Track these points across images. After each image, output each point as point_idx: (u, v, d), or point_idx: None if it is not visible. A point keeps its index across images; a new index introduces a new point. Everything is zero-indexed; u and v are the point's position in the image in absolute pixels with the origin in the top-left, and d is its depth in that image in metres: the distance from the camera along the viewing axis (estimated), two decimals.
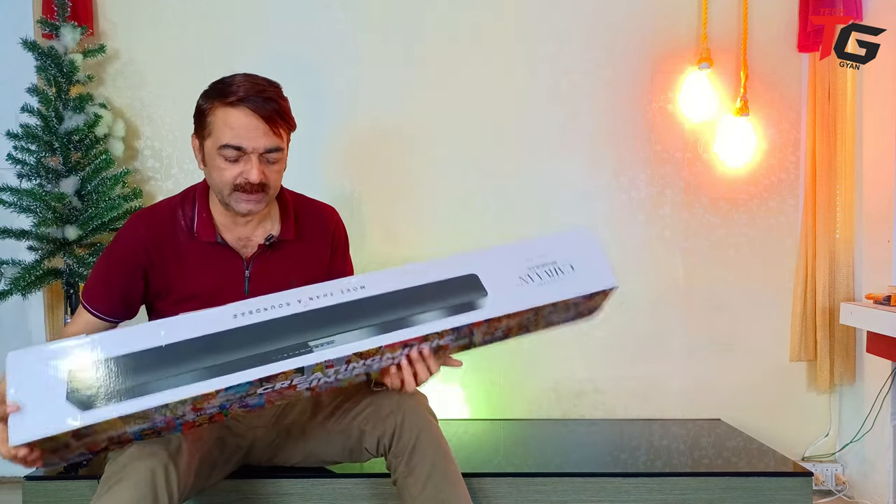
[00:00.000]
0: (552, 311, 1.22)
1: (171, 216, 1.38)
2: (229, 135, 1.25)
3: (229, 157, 1.27)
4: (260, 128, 1.26)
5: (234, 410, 1.12)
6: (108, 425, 1.00)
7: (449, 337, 1.15)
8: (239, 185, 1.28)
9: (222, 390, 1.01)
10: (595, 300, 1.30)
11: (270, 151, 1.28)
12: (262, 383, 1.04)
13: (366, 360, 1.11)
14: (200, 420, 1.11)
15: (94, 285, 1.38)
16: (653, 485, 1.62)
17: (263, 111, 1.26)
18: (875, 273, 2.04)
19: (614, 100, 2.18)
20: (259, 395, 1.08)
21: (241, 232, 1.38)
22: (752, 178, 2.19)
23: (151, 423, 1.05)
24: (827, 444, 2.21)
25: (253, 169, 1.26)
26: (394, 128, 2.18)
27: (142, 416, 1.01)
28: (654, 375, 2.21)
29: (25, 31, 2.06)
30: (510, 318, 1.17)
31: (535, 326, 1.26)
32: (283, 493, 1.54)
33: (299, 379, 1.07)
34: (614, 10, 2.17)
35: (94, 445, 1.06)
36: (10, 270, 1.92)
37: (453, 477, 1.34)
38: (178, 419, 1.07)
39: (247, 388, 1.03)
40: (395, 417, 1.34)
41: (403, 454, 1.33)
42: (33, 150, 1.94)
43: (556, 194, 2.19)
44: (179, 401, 1.01)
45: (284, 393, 1.11)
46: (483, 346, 1.26)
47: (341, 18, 2.16)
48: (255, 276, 1.38)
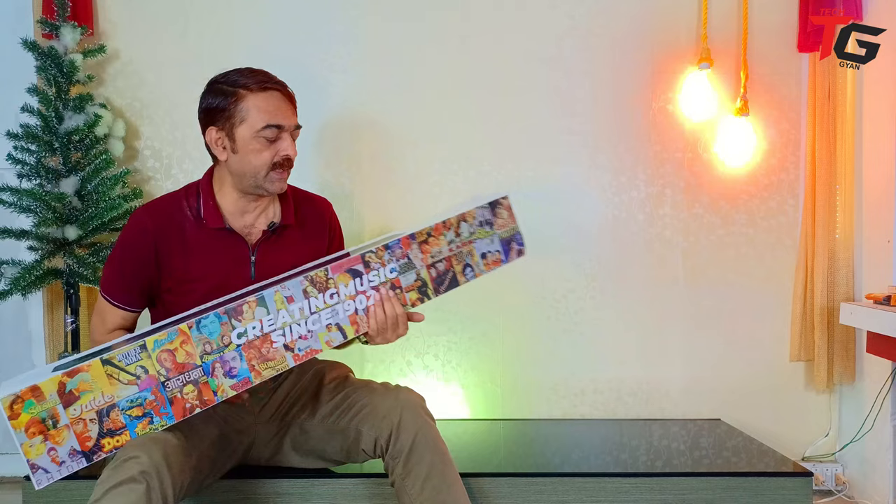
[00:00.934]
0: (472, 233, 1.39)
1: (176, 206, 1.43)
2: (267, 116, 1.35)
3: (270, 137, 1.36)
4: (289, 108, 1.40)
5: (223, 386, 1.17)
6: (93, 380, 1.07)
7: (390, 266, 1.30)
8: (277, 164, 1.38)
9: (192, 326, 1.13)
10: (501, 216, 1.45)
11: (298, 128, 1.42)
12: (232, 319, 1.17)
13: (323, 295, 1.24)
14: (190, 396, 1.15)
15: (111, 280, 1.43)
16: (653, 485, 1.62)
17: (287, 93, 1.41)
18: (875, 273, 2.04)
19: (614, 100, 2.18)
20: (238, 354, 1.18)
21: (246, 220, 1.44)
22: (752, 178, 2.19)
23: (138, 392, 1.11)
24: (827, 444, 2.21)
25: (290, 145, 1.39)
26: (393, 127, 2.18)
27: (120, 364, 1.09)
28: (654, 375, 2.21)
29: (25, 31, 2.06)
30: (435, 240, 1.34)
31: (471, 258, 1.40)
32: (283, 493, 1.54)
33: (267, 320, 1.19)
34: (614, 10, 2.17)
35: (84, 432, 1.09)
36: (10, 270, 1.92)
37: (451, 478, 1.34)
38: (164, 386, 1.13)
39: (218, 325, 1.15)
40: (391, 418, 1.35)
41: (401, 455, 1.33)
42: (33, 150, 1.94)
43: (556, 194, 2.19)
44: (156, 338, 1.12)
45: (264, 352, 1.20)
46: (437, 290, 1.36)
47: (341, 18, 2.16)
48: (261, 262, 1.43)
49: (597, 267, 2.20)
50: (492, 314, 2.19)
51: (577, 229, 2.20)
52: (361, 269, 1.29)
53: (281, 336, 1.22)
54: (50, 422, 1.06)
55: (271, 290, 1.22)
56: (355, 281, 1.28)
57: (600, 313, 2.20)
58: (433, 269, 1.36)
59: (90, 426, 1.10)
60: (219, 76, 1.42)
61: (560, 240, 2.19)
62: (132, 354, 1.12)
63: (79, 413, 1.08)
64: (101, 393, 1.10)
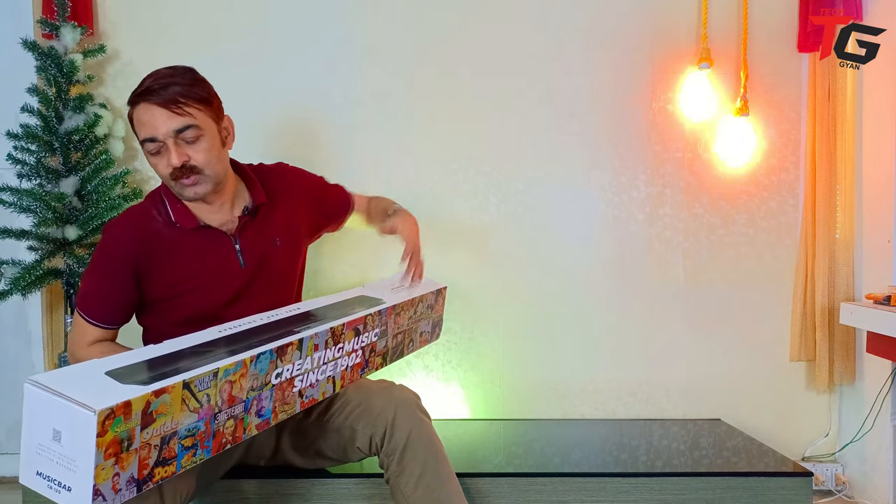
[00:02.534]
0: (421, 314, 1.59)
1: (145, 215, 1.40)
2: (142, 131, 1.32)
3: (151, 150, 1.32)
4: (162, 114, 1.30)
5: (251, 425, 1.14)
6: (171, 402, 0.98)
7: (375, 331, 1.41)
8: (173, 174, 1.33)
9: (253, 360, 1.11)
10: (439, 303, 1.69)
11: (181, 131, 1.31)
12: (278, 358, 1.15)
13: (334, 348, 1.29)
14: (227, 431, 1.10)
15: (90, 298, 1.38)
16: (653, 485, 1.62)
17: (160, 98, 1.30)
18: (875, 273, 2.04)
19: (614, 100, 2.18)
20: (270, 394, 1.15)
21: (219, 218, 1.42)
22: (752, 178, 2.19)
23: (196, 421, 1.03)
24: (827, 444, 2.21)
25: (173, 154, 1.31)
26: (393, 127, 2.18)
27: (195, 389, 1.02)
28: (654, 375, 2.21)
29: (25, 31, 2.06)
30: (404, 313, 1.51)
31: (415, 335, 1.59)
32: (283, 493, 1.54)
33: (298, 364, 1.20)
34: (614, 10, 2.17)
35: (146, 458, 0.98)
36: (10, 270, 1.91)
37: (446, 475, 1.34)
38: (215, 419, 1.07)
39: (268, 362, 1.13)
40: (386, 416, 1.35)
41: (395, 453, 1.33)
42: (33, 150, 1.94)
43: (556, 194, 2.19)
44: (225, 367, 1.06)
45: (286, 395, 1.18)
46: (391, 359, 1.50)
47: (341, 17, 2.16)
48: (246, 248, 1.43)
49: (597, 267, 2.20)
50: (492, 314, 2.19)
51: (577, 229, 2.20)
52: (361, 329, 1.35)
53: (300, 381, 1.21)
54: (126, 443, 0.94)
55: (308, 334, 1.20)
56: (355, 339, 1.34)
57: (600, 313, 2.20)
58: (395, 338, 1.48)
59: (152, 453, 0.98)
60: None
61: (560, 240, 2.19)
62: (205, 381, 1.04)
63: (149, 437, 0.97)
64: (172, 418, 0.99)
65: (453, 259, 2.17)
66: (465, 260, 2.18)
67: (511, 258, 2.19)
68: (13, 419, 2.16)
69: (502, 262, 2.19)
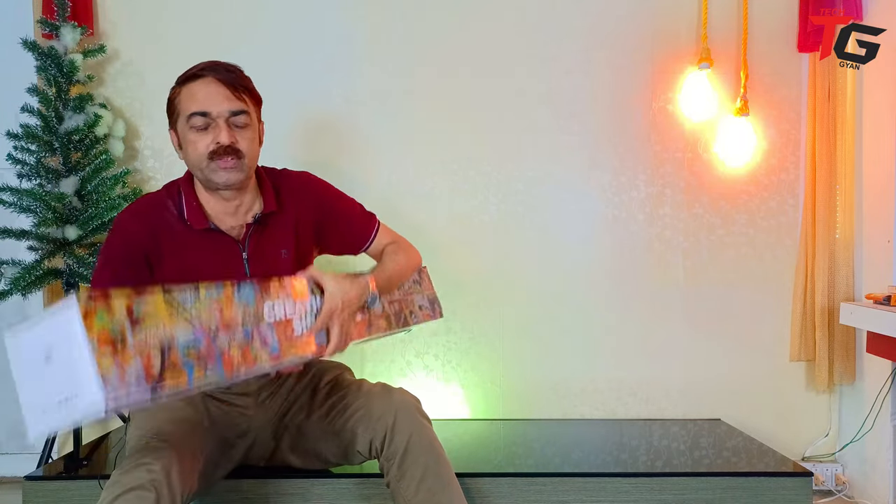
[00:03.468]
0: (409, 288, 1.61)
1: (160, 207, 1.39)
2: (194, 104, 1.31)
3: (198, 125, 1.31)
4: (222, 92, 1.31)
5: (261, 356, 1.17)
6: (155, 308, 1.03)
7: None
8: (213, 153, 1.31)
9: (235, 286, 1.16)
10: (423, 280, 1.70)
11: (236, 115, 1.33)
12: (262, 293, 1.20)
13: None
14: (236, 358, 1.13)
15: (103, 285, 1.37)
16: (653, 485, 1.62)
17: (224, 77, 1.32)
18: (875, 273, 2.04)
19: (614, 100, 2.18)
20: (270, 329, 1.19)
21: (231, 221, 1.40)
22: (752, 178, 2.19)
23: (194, 337, 1.08)
24: (827, 444, 2.21)
25: (224, 132, 1.31)
26: (393, 127, 2.18)
27: (179, 301, 1.06)
28: (654, 375, 2.21)
29: (25, 31, 2.06)
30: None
31: (413, 307, 1.60)
32: (283, 493, 1.54)
33: (289, 304, 1.23)
34: (614, 10, 2.17)
35: (149, 363, 1.01)
36: (10, 270, 1.91)
37: (447, 479, 1.33)
38: (215, 340, 1.10)
39: (252, 295, 1.18)
40: (386, 420, 1.34)
41: (395, 457, 1.32)
42: (33, 150, 1.94)
43: (556, 194, 2.19)
44: (206, 286, 1.10)
45: (289, 334, 1.21)
46: (396, 324, 1.50)
47: (340, 17, 2.16)
48: (252, 257, 1.41)
49: (597, 267, 2.20)
50: (492, 314, 2.19)
51: (577, 229, 2.20)
52: None
53: (299, 325, 1.24)
54: (119, 340, 0.98)
55: (287, 278, 1.24)
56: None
57: (600, 313, 2.20)
58: (391, 305, 1.50)
59: (154, 358, 1.02)
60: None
61: (560, 240, 2.19)
62: (188, 297, 1.09)
63: (144, 339, 1.01)
64: (163, 325, 1.04)
65: (453, 259, 2.17)
66: (465, 260, 2.18)
67: (511, 258, 2.19)
68: (13, 419, 2.16)
69: (502, 262, 2.19)
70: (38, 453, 2.01)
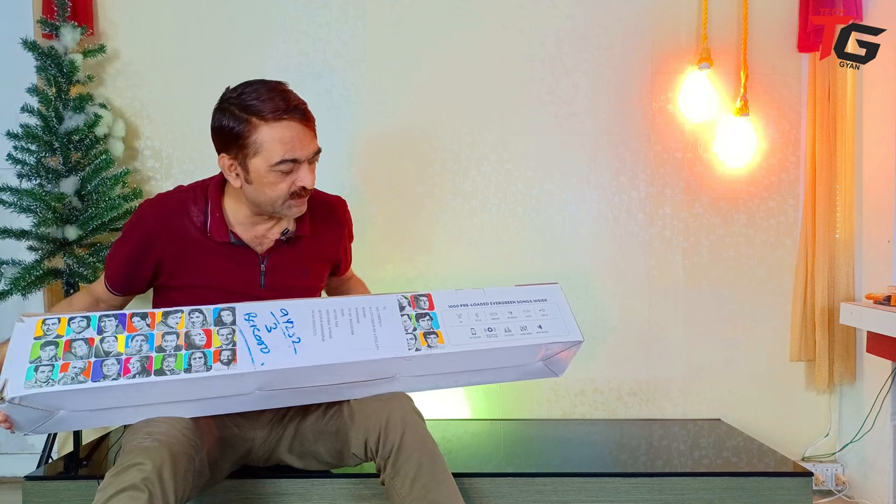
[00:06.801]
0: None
1: (183, 210, 1.40)
2: (283, 150, 1.29)
3: (286, 170, 1.30)
4: (307, 136, 1.32)
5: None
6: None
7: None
8: (294, 193, 1.33)
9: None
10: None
11: (316, 154, 1.35)
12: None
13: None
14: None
15: (110, 262, 1.45)
16: (653, 485, 1.62)
17: (304, 118, 1.31)
18: (875, 273, 2.04)
19: (614, 100, 2.18)
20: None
21: (257, 231, 1.41)
22: (752, 178, 2.19)
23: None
24: (827, 444, 2.21)
25: (308, 175, 1.33)
26: (394, 129, 2.18)
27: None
28: (654, 375, 2.21)
29: (25, 31, 2.06)
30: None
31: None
32: (283, 493, 1.54)
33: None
34: (614, 10, 2.17)
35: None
36: (10, 270, 1.91)
37: (441, 476, 1.32)
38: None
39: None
40: (378, 418, 1.33)
41: (389, 455, 1.32)
42: (33, 150, 1.94)
43: (556, 195, 2.19)
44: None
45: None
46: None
47: (342, 18, 2.16)
48: (271, 271, 1.42)
49: (597, 267, 2.20)
50: None
51: (577, 229, 2.20)
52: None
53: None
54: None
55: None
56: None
57: (600, 313, 2.20)
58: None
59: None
60: (231, 93, 1.33)
61: (560, 239, 2.19)
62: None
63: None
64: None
65: (453, 259, 2.17)
66: (465, 260, 2.18)
67: (511, 258, 2.19)
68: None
69: (502, 262, 2.19)
70: (38, 453, 2.01)
